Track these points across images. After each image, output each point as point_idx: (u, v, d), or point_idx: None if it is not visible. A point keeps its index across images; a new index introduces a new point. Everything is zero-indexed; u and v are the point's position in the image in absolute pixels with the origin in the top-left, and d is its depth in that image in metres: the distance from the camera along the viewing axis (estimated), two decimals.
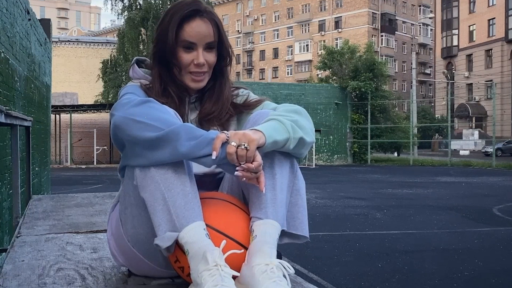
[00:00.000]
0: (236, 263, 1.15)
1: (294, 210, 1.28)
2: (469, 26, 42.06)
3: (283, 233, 1.25)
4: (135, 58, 1.53)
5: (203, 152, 1.13)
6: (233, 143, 1.13)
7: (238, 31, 63.91)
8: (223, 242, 1.15)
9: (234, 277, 1.12)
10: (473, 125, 40.46)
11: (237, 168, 1.15)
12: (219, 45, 1.42)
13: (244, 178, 1.17)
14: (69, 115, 24.14)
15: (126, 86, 1.42)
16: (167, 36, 1.37)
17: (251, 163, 1.14)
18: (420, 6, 60.07)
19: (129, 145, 1.20)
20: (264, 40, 62.15)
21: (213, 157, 1.12)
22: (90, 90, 27.94)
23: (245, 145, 1.13)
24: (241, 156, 1.13)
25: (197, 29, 1.37)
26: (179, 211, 1.14)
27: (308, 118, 1.31)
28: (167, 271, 1.32)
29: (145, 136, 1.14)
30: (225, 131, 1.17)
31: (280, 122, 1.22)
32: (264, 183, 1.18)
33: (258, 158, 1.15)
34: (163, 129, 1.14)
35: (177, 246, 1.17)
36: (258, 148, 1.15)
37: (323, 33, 56.28)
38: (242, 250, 1.19)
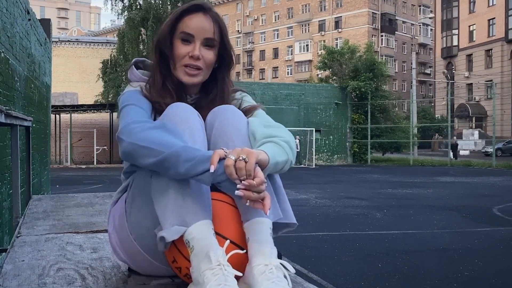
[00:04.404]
0: (237, 264, 1.15)
1: (280, 202, 1.29)
2: (469, 26, 42.05)
3: (275, 226, 1.25)
4: (133, 60, 1.52)
5: (201, 168, 1.11)
6: (231, 157, 1.10)
7: (238, 31, 63.88)
8: (227, 242, 1.15)
9: (236, 277, 1.12)
10: (473, 125, 40.45)
11: (237, 186, 1.10)
12: (222, 49, 1.41)
13: (248, 203, 1.11)
14: (69, 115, 24.16)
15: (125, 92, 1.40)
16: (166, 26, 1.40)
17: (253, 179, 1.09)
18: (420, 6, 60.05)
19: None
20: (264, 40, 62.14)
21: (211, 170, 1.09)
22: (90, 90, 27.92)
23: (244, 157, 1.09)
24: (240, 168, 1.08)
25: (196, 21, 1.37)
26: (190, 207, 1.15)
27: (290, 134, 1.30)
28: (167, 268, 1.32)
29: (149, 162, 1.16)
30: (224, 148, 1.15)
31: (278, 145, 1.22)
32: (268, 206, 1.12)
33: (260, 174, 1.10)
34: (163, 152, 1.13)
35: (175, 246, 1.18)
36: (261, 169, 1.12)
37: (323, 33, 56.27)
38: (244, 250, 1.19)
